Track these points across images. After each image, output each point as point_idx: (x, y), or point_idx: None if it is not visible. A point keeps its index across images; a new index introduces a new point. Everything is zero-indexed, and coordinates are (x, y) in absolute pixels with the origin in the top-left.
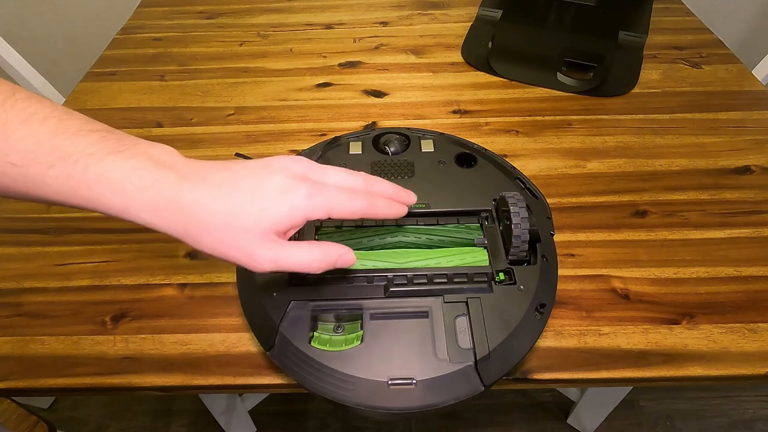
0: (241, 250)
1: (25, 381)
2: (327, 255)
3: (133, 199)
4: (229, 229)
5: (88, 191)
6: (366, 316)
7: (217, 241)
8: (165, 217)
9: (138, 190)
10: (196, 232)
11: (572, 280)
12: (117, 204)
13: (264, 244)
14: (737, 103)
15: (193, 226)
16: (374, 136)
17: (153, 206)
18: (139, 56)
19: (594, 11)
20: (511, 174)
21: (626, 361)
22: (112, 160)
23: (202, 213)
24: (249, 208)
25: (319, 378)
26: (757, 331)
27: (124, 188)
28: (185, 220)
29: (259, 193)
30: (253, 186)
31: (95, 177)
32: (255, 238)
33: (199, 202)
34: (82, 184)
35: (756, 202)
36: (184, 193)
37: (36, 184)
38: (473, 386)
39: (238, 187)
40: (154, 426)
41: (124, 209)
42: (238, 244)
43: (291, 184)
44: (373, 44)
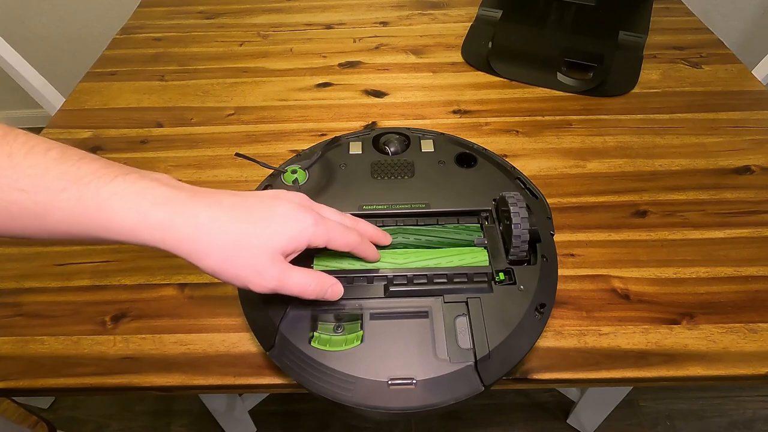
0: (250, 268)
1: (25, 381)
2: (322, 283)
3: (147, 215)
4: (241, 248)
5: (100, 213)
6: (366, 316)
7: (227, 258)
8: (176, 236)
9: (153, 206)
10: (206, 250)
11: (572, 280)
12: (130, 222)
13: (272, 264)
14: (737, 103)
15: (205, 243)
16: (374, 136)
17: (168, 222)
18: (139, 56)
19: (594, 11)
20: (511, 174)
21: (626, 361)
22: (122, 180)
23: (217, 230)
24: (261, 230)
25: (319, 378)
26: (757, 331)
27: (138, 205)
28: (198, 237)
29: (271, 217)
30: (264, 211)
31: (107, 197)
32: (265, 256)
33: (214, 219)
34: (93, 207)
35: (756, 202)
36: (200, 210)
37: (45, 210)
38: (473, 386)
39: (251, 211)
40: (154, 426)
41: (135, 226)
42: (249, 261)
43: (299, 212)
44: (373, 44)
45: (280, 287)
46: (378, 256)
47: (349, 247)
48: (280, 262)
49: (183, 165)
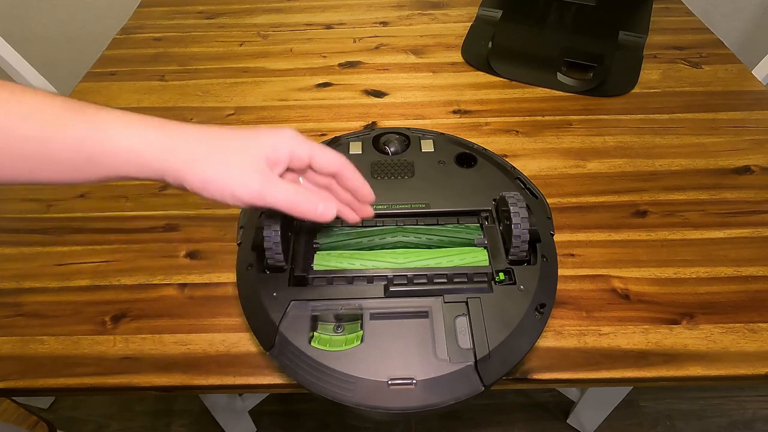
0: (236, 174)
1: (25, 381)
2: (310, 198)
3: (147, 133)
4: (227, 154)
5: (104, 133)
6: (366, 316)
7: (214, 165)
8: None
9: (150, 127)
10: (196, 159)
11: (572, 280)
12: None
13: (257, 170)
14: (737, 103)
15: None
16: (374, 136)
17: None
18: (139, 56)
19: (594, 11)
20: (511, 174)
21: (626, 361)
22: (117, 112)
23: (210, 139)
24: (245, 140)
25: (319, 378)
26: (757, 331)
27: (136, 124)
28: (191, 150)
29: (254, 131)
30: (248, 129)
31: (110, 119)
32: (250, 162)
33: (205, 133)
34: (99, 128)
35: (756, 202)
36: (190, 128)
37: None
38: (473, 386)
39: (235, 130)
40: (154, 426)
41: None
42: (235, 168)
43: (279, 128)
44: (373, 44)
45: (266, 193)
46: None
47: (329, 169)
48: (267, 171)
49: None
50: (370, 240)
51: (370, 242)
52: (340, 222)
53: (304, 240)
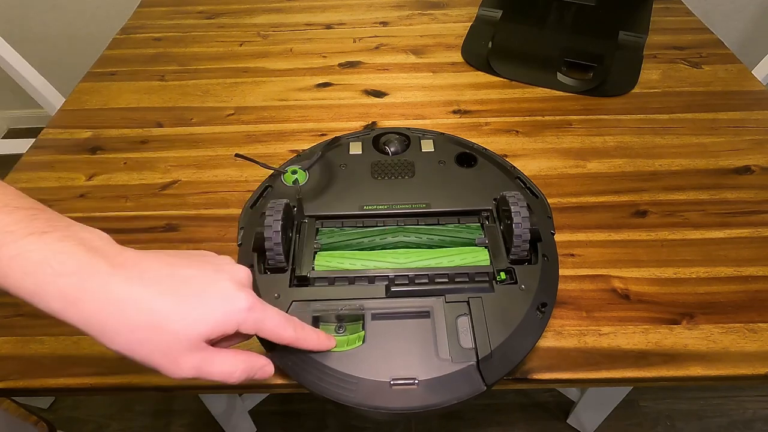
0: (165, 355)
1: (25, 381)
2: (249, 367)
3: (47, 284)
4: (156, 331)
5: (4, 269)
6: (367, 317)
7: (138, 341)
8: (81, 309)
9: (57, 275)
10: (115, 329)
11: (572, 280)
12: (28, 286)
13: (190, 351)
14: (737, 103)
15: (114, 320)
16: (374, 136)
17: (71, 295)
18: (139, 56)
19: (594, 11)
20: (511, 174)
21: (626, 361)
22: (33, 240)
23: (132, 309)
24: (185, 312)
25: (320, 378)
26: (757, 331)
27: (38, 271)
28: (106, 314)
29: (201, 296)
30: (195, 290)
31: (10, 256)
32: (183, 343)
33: (131, 296)
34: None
35: (756, 202)
36: (115, 284)
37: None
38: (475, 386)
39: (178, 288)
40: (154, 426)
41: (33, 293)
42: (163, 348)
43: (234, 294)
44: (373, 44)
45: (200, 376)
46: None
47: (283, 341)
48: (201, 349)
49: (183, 165)
50: (371, 240)
51: (371, 242)
52: (341, 222)
53: (305, 241)
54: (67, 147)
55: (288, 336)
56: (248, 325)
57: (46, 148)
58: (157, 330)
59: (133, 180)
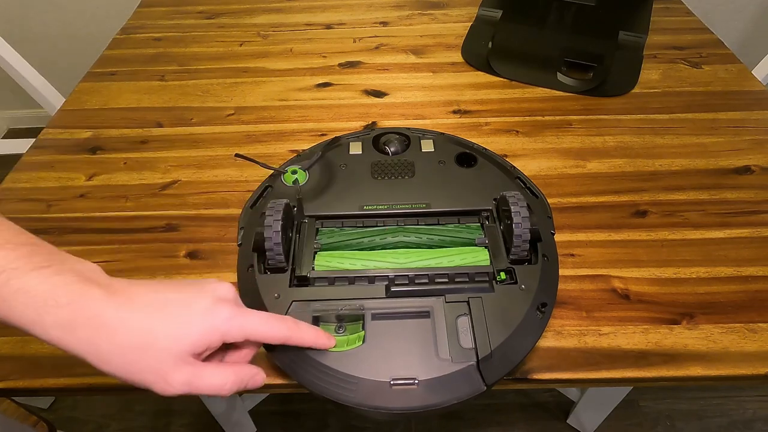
0: (154, 373)
1: (25, 381)
2: (239, 379)
3: (47, 314)
4: (146, 351)
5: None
6: (367, 317)
7: (129, 362)
8: (78, 335)
9: (55, 306)
10: (108, 351)
11: (572, 280)
12: (28, 318)
13: (178, 367)
14: (737, 103)
15: (107, 343)
16: (374, 136)
17: (68, 322)
18: (139, 56)
19: (594, 11)
20: (511, 174)
21: (626, 361)
22: (35, 275)
23: (122, 331)
24: (170, 330)
25: (320, 378)
26: (757, 331)
27: (39, 303)
28: (100, 338)
29: (184, 315)
30: (178, 308)
31: (14, 291)
32: (171, 359)
33: (121, 319)
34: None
35: (756, 202)
36: (108, 309)
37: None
38: (475, 386)
39: (163, 309)
40: (154, 426)
41: (34, 323)
42: (153, 365)
43: (215, 307)
44: (373, 44)
45: (191, 391)
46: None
47: (276, 340)
48: (188, 364)
49: (183, 165)
50: (371, 240)
51: (371, 242)
52: (341, 222)
53: (305, 241)
54: (67, 147)
55: (280, 334)
56: (233, 332)
57: (46, 148)
58: (145, 350)
59: (133, 180)
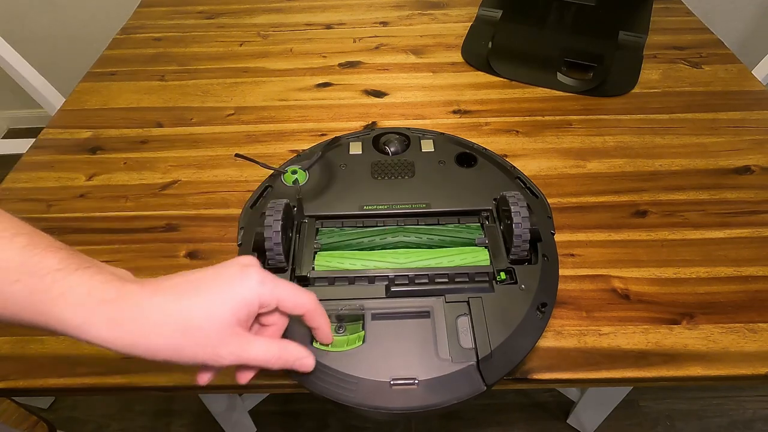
0: (204, 350)
1: (25, 381)
2: (284, 355)
3: (95, 314)
4: (190, 333)
5: (49, 307)
6: (367, 317)
7: (179, 348)
8: (126, 330)
9: (102, 303)
10: (156, 342)
11: (572, 280)
12: (77, 320)
13: (225, 340)
14: (737, 103)
15: (153, 334)
16: (374, 136)
17: (115, 318)
18: (139, 56)
19: (594, 11)
20: (511, 174)
21: (626, 361)
22: (79, 275)
23: (162, 318)
24: (207, 308)
25: (321, 378)
26: (757, 331)
27: (87, 302)
28: (145, 329)
29: (216, 290)
30: (210, 284)
31: (60, 292)
32: (215, 336)
33: (159, 307)
34: (45, 300)
35: (756, 202)
36: (145, 299)
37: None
38: (475, 386)
39: (196, 289)
40: (154, 426)
41: (83, 323)
42: (200, 344)
43: (244, 272)
44: (373, 44)
45: (240, 362)
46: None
47: (301, 309)
48: (235, 335)
49: (183, 165)
50: (371, 240)
51: (371, 242)
52: (341, 222)
53: (305, 241)
54: (67, 147)
55: (307, 302)
56: (266, 296)
57: (46, 148)
58: (189, 332)
59: (133, 180)
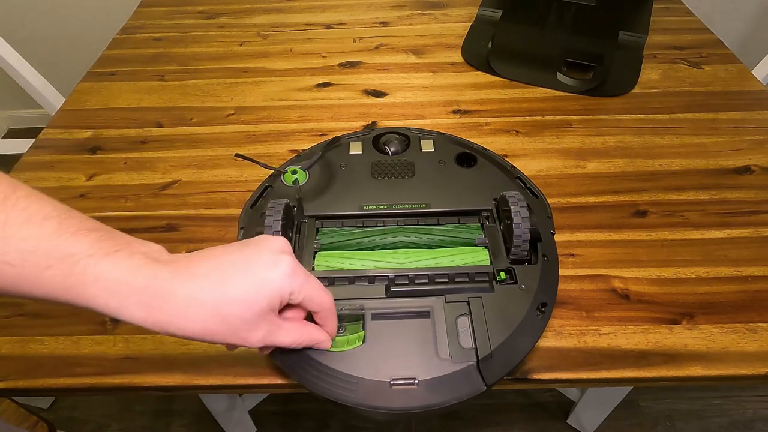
0: (235, 336)
1: (25, 381)
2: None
3: (128, 298)
4: (221, 320)
5: (84, 291)
6: (368, 317)
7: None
8: (158, 316)
9: (134, 290)
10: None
11: (572, 280)
12: (112, 304)
13: (255, 326)
14: (737, 103)
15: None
16: (374, 136)
17: (147, 304)
18: (139, 56)
19: (594, 11)
20: (511, 174)
21: (626, 361)
22: (109, 261)
23: (194, 306)
24: (239, 296)
25: (321, 378)
26: (757, 331)
27: (120, 289)
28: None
29: (250, 278)
30: (243, 273)
31: (93, 278)
32: (246, 323)
33: (190, 295)
34: (78, 284)
35: (756, 202)
36: (177, 287)
37: (29, 284)
38: (475, 386)
39: (229, 277)
40: (154, 426)
41: (119, 308)
42: (231, 330)
43: (276, 261)
44: (373, 44)
45: (268, 344)
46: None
47: (321, 308)
48: (266, 321)
49: (183, 165)
50: (371, 240)
51: (371, 242)
52: (341, 222)
53: (305, 241)
54: (67, 147)
55: (328, 302)
56: (295, 290)
57: (46, 148)
58: (222, 320)
59: (133, 180)
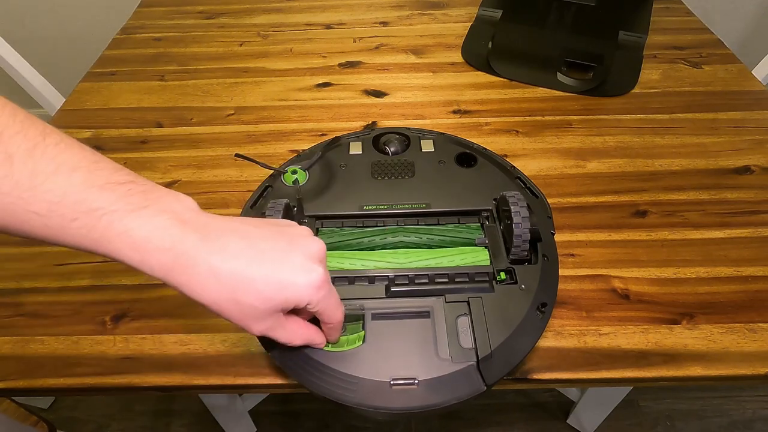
0: (240, 320)
1: (25, 381)
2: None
3: (150, 257)
4: (234, 302)
5: (109, 244)
6: (368, 317)
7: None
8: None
9: (157, 250)
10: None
11: (572, 280)
12: (135, 259)
13: (261, 319)
14: (737, 103)
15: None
16: (374, 136)
17: (168, 265)
18: (139, 56)
19: (594, 11)
20: (511, 174)
21: (626, 361)
22: (135, 217)
23: (213, 281)
24: (261, 289)
25: (320, 378)
26: (757, 331)
27: (143, 247)
28: (195, 284)
29: (277, 275)
30: (270, 265)
31: (117, 233)
32: (256, 315)
33: (213, 269)
34: (103, 238)
35: (756, 202)
36: (202, 256)
37: (55, 233)
38: (475, 386)
39: (256, 265)
40: (154, 426)
41: (141, 262)
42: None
43: (308, 269)
44: (373, 44)
45: (269, 335)
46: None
47: (331, 322)
48: (272, 317)
49: (183, 165)
50: (370, 240)
51: (370, 242)
52: (341, 222)
53: None
54: None
55: (339, 320)
56: (314, 303)
57: None
58: (234, 301)
59: None
